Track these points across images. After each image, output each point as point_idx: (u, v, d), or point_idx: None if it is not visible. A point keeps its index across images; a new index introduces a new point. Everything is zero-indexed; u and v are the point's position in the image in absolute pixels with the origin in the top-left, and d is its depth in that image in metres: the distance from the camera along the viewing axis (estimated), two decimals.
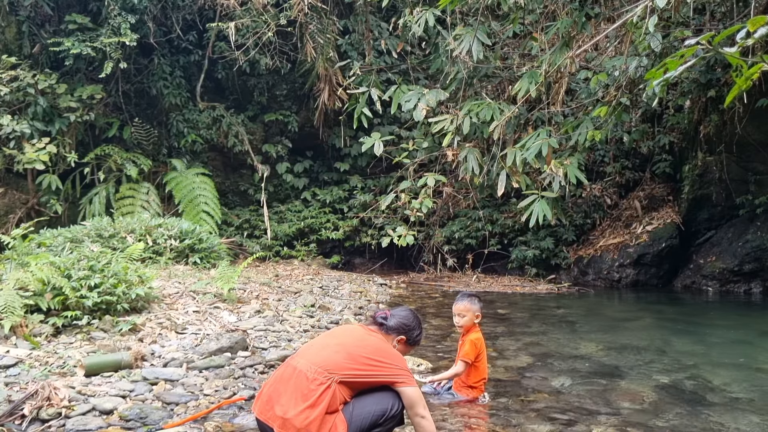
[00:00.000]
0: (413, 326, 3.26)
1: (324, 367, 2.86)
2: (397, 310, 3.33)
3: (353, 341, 3.04)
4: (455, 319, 4.50)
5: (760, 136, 9.61)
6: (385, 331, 3.20)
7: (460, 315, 4.45)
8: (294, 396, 2.80)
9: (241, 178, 13.68)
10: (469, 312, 4.44)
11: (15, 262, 6.43)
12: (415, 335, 3.27)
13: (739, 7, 7.70)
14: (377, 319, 3.26)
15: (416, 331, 3.28)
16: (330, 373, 2.84)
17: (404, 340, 3.21)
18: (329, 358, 2.90)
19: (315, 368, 2.86)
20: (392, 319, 3.23)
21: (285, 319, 6.90)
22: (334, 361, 2.89)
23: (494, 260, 12.21)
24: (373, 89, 7.26)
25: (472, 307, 4.45)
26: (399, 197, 8.17)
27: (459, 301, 4.49)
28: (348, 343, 3.02)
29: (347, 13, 13.25)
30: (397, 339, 3.20)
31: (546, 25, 7.87)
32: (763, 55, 2.41)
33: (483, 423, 3.91)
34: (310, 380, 2.82)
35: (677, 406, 4.26)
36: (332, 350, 2.96)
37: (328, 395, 2.78)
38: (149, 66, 12.05)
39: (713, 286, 10.31)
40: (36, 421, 3.60)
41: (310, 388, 2.80)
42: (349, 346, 2.98)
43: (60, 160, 10.75)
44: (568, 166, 6.24)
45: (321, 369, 2.85)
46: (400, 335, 3.20)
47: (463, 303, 4.47)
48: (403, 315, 3.28)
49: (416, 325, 3.29)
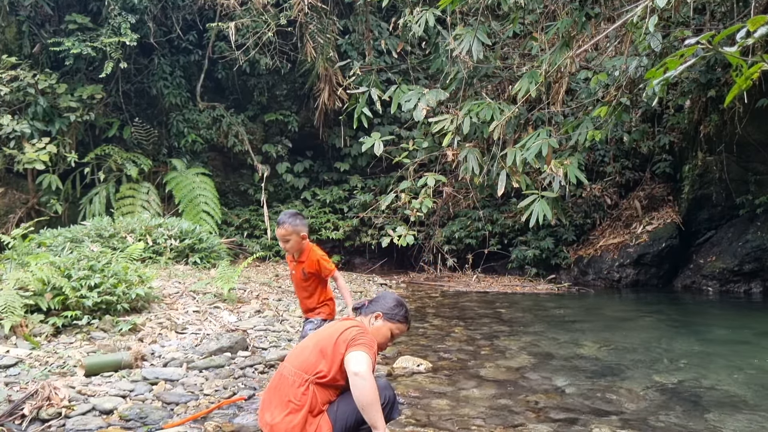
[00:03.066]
0: (389, 302, 3.14)
1: (302, 368, 2.88)
2: (377, 296, 3.29)
3: (324, 335, 3.01)
4: (281, 245, 4.11)
5: (760, 135, 9.60)
6: (362, 314, 3.17)
7: (284, 240, 3.98)
8: (280, 402, 2.84)
9: (241, 178, 13.68)
10: (293, 234, 3.99)
11: (15, 262, 6.44)
12: (393, 309, 3.11)
13: (739, 7, 7.70)
14: (356, 305, 3.27)
15: (392, 305, 3.12)
16: (306, 374, 2.85)
17: (380, 315, 3.10)
18: (306, 360, 2.91)
19: (294, 371, 2.88)
20: (369, 305, 3.19)
21: (285, 319, 6.90)
22: (310, 361, 2.89)
23: (494, 260, 12.21)
24: (373, 89, 7.26)
25: (295, 228, 3.99)
26: (399, 197, 8.17)
27: (281, 226, 4.01)
28: (320, 338, 3.00)
29: (347, 13, 13.25)
30: (374, 315, 3.10)
31: (546, 25, 7.87)
32: (763, 54, 2.41)
33: (483, 422, 3.91)
34: (290, 385, 2.85)
35: (677, 406, 4.26)
36: (308, 351, 2.95)
37: (307, 398, 2.79)
38: (149, 66, 12.05)
39: (713, 286, 10.30)
40: (36, 421, 3.60)
41: (291, 392, 2.82)
42: (320, 342, 2.95)
43: (60, 160, 10.75)
44: (568, 166, 6.24)
45: (299, 372, 2.87)
46: (375, 312, 3.11)
47: (285, 227, 3.99)
48: (378, 296, 3.23)
49: (393, 301, 3.15)
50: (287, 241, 4.01)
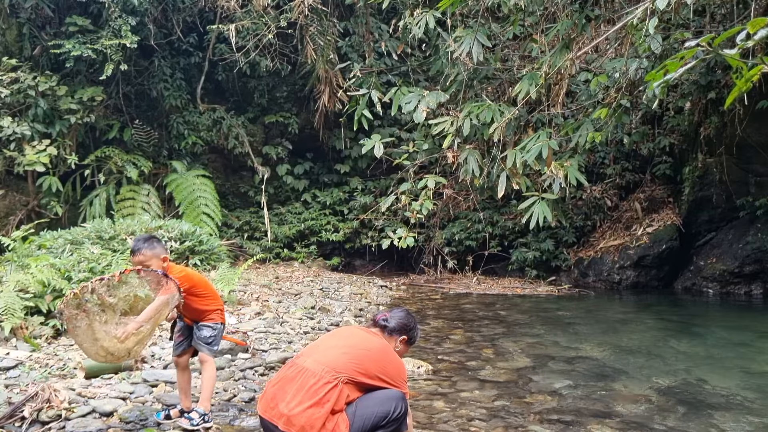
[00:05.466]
0: (412, 326, 3.35)
1: (332, 366, 2.90)
2: (395, 312, 3.40)
3: (359, 343, 3.10)
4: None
5: (760, 137, 9.61)
6: (387, 333, 3.27)
7: (144, 267, 3.57)
8: (300, 394, 2.82)
9: (241, 179, 13.68)
10: (153, 259, 3.61)
11: (15, 264, 6.43)
12: (415, 335, 3.37)
13: (740, 9, 7.71)
14: (379, 321, 3.31)
15: (415, 331, 3.38)
16: (338, 372, 2.88)
17: (405, 340, 3.29)
18: (337, 359, 2.94)
19: (322, 368, 2.89)
20: (392, 321, 3.30)
21: (285, 321, 6.90)
22: (342, 362, 2.93)
23: (494, 262, 12.21)
24: (373, 91, 7.26)
25: (154, 252, 3.62)
26: (399, 199, 8.16)
27: (136, 254, 3.62)
28: (354, 344, 3.08)
29: (347, 15, 13.27)
30: (400, 340, 3.28)
31: (546, 27, 7.87)
32: (764, 56, 2.41)
33: (483, 424, 3.91)
34: (317, 379, 2.85)
35: (677, 408, 4.25)
36: (340, 351, 3.00)
37: (334, 394, 2.81)
38: (150, 68, 12.06)
39: (714, 287, 10.30)
40: (36, 423, 3.60)
41: (317, 386, 2.82)
42: (356, 348, 3.04)
43: (60, 161, 10.75)
44: (568, 168, 6.24)
45: (329, 368, 2.89)
46: (402, 335, 3.28)
47: (144, 252, 3.60)
48: (401, 316, 3.36)
49: (414, 324, 3.38)
50: (148, 267, 3.60)
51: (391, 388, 2.99)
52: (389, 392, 2.95)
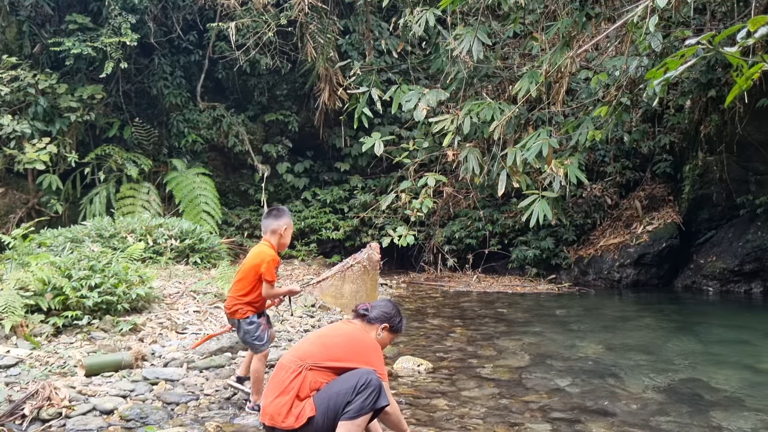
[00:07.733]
0: (393, 314, 3.39)
1: (299, 357, 3.08)
2: (377, 302, 3.49)
3: (328, 332, 3.34)
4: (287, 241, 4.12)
5: (760, 135, 9.60)
6: (368, 321, 3.35)
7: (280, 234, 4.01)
8: (274, 388, 3.05)
9: (241, 178, 13.68)
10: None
11: (15, 262, 6.44)
12: (397, 322, 3.40)
13: (740, 7, 7.70)
14: (359, 311, 3.40)
15: (397, 318, 3.41)
16: (302, 360, 3.05)
17: (388, 327, 3.35)
18: (306, 350, 3.14)
19: (292, 359, 3.09)
20: (373, 311, 3.38)
21: (285, 319, 6.90)
22: (309, 351, 3.12)
23: (494, 260, 12.21)
24: (373, 89, 7.26)
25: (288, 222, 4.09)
26: (399, 197, 8.17)
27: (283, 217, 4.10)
28: (324, 334, 3.31)
29: (347, 13, 13.25)
30: (382, 327, 3.34)
31: (546, 25, 7.87)
32: (764, 54, 2.40)
33: (483, 422, 3.91)
34: (286, 371, 3.05)
35: (677, 406, 4.26)
36: (310, 342, 3.22)
37: (298, 382, 2.98)
38: (150, 66, 12.05)
39: (714, 286, 10.30)
40: (36, 421, 3.61)
41: (285, 377, 3.03)
42: (324, 337, 3.26)
43: (60, 160, 10.75)
44: (568, 166, 6.24)
45: (296, 359, 3.07)
46: (383, 323, 3.35)
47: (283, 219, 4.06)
48: (382, 305, 3.45)
49: (396, 312, 3.42)
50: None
51: (362, 368, 3.06)
52: (355, 371, 3.04)
